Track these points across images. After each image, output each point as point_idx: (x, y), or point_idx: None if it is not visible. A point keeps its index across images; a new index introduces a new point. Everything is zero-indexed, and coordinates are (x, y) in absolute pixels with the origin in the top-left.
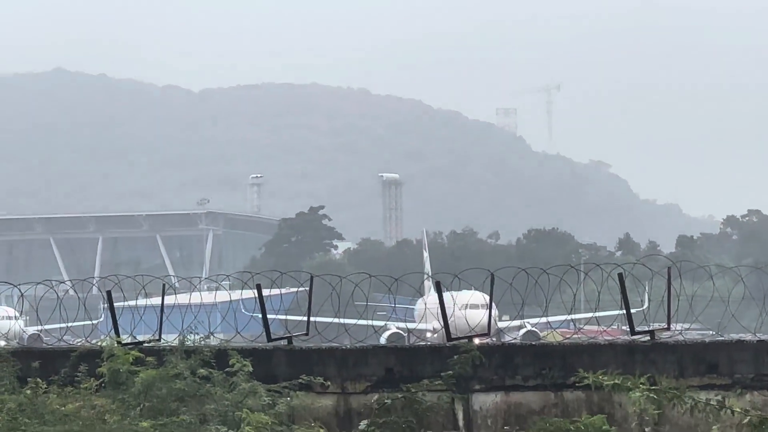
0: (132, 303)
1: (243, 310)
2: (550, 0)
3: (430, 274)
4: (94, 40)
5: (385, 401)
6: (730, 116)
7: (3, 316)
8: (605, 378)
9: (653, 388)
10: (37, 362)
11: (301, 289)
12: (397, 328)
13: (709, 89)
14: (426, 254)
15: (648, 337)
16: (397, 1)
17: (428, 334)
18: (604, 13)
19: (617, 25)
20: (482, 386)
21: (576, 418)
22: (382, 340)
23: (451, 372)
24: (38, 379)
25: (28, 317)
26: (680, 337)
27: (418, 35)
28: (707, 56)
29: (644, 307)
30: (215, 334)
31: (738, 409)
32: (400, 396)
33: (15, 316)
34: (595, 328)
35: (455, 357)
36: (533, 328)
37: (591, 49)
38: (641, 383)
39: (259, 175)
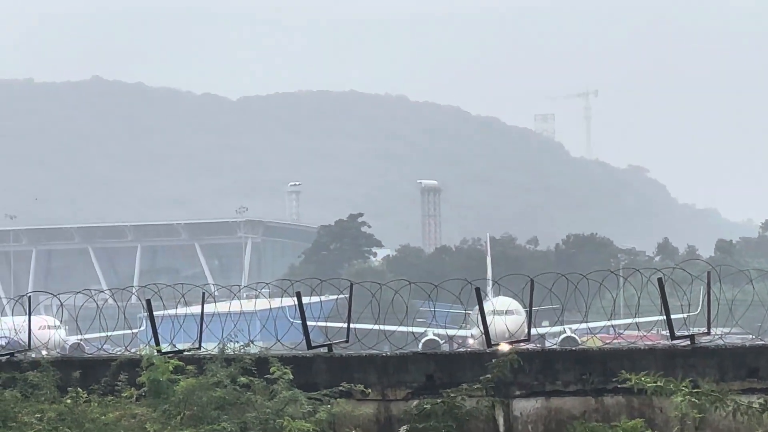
0: (171, 312)
1: (290, 319)
2: (587, 6)
3: (491, 279)
4: (131, 49)
5: (425, 407)
6: None
7: (43, 326)
8: (647, 380)
9: (695, 391)
10: (77, 371)
11: (340, 296)
12: (434, 334)
13: (748, 94)
14: (489, 259)
15: (688, 342)
16: (435, 8)
17: (470, 341)
18: (642, 19)
19: (655, 30)
20: (522, 392)
21: (616, 423)
22: (420, 347)
23: (489, 376)
24: (78, 389)
25: (67, 327)
26: (720, 342)
27: (456, 42)
28: (747, 62)
29: (697, 311)
30: (255, 342)
31: None
32: (439, 401)
33: (55, 326)
34: (635, 333)
35: (493, 361)
36: (572, 334)
37: (628, 55)
38: (683, 386)
39: (297, 183)
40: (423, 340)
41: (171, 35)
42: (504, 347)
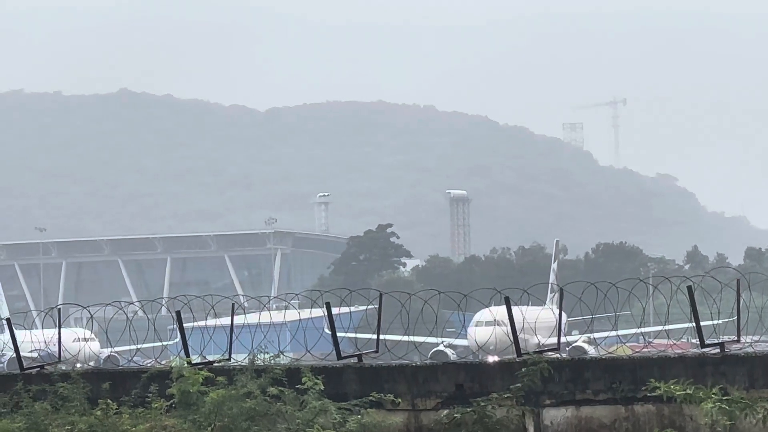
0: (201, 323)
1: (326, 329)
2: (616, 14)
3: (553, 285)
4: (159, 61)
5: (455, 416)
6: None
7: (77, 338)
8: (677, 388)
9: (725, 398)
10: (107, 383)
11: (370, 306)
12: (446, 345)
13: None
14: (553, 265)
15: (718, 350)
16: (463, 17)
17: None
18: (670, 27)
19: (683, 38)
20: (552, 401)
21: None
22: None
23: (519, 385)
24: (109, 400)
25: (98, 339)
26: (750, 349)
27: (484, 51)
28: None
29: (727, 319)
30: (285, 353)
31: None
32: (469, 410)
33: (86, 338)
34: (664, 341)
35: (523, 370)
36: (582, 343)
37: (656, 63)
38: (713, 394)
39: (326, 194)
40: (431, 352)
41: (199, 47)
42: (491, 359)
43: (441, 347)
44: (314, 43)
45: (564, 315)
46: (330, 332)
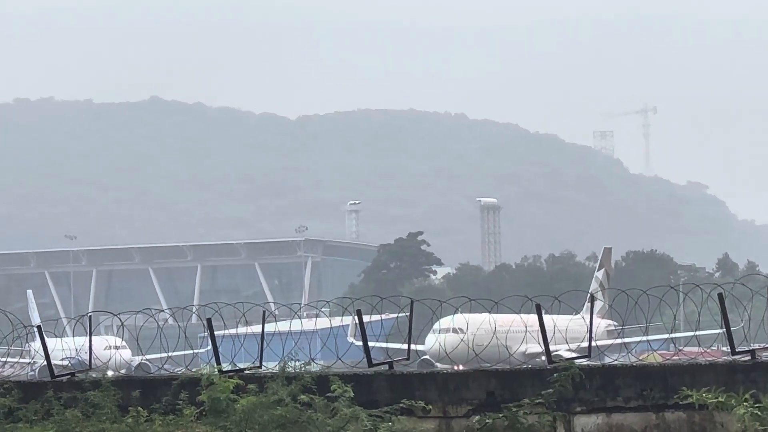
0: (232, 331)
1: (355, 342)
2: (646, 22)
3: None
4: (189, 69)
5: (486, 422)
6: None
7: (108, 346)
8: (709, 395)
9: (757, 405)
10: (138, 391)
11: (401, 314)
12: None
13: None
14: (597, 273)
15: (749, 357)
16: (493, 25)
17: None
18: (699, 35)
19: (713, 45)
20: (583, 408)
21: None
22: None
23: (551, 390)
24: (139, 408)
25: (128, 347)
26: None
27: (514, 59)
28: None
29: (758, 327)
30: (316, 361)
31: None
32: (501, 416)
33: (117, 346)
34: (695, 349)
35: (554, 375)
36: (564, 352)
37: (687, 71)
38: (745, 400)
39: (356, 202)
40: (418, 361)
41: (229, 55)
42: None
43: (427, 356)
44: (345, 51)
45: (605, 322)
46: (356, 341)
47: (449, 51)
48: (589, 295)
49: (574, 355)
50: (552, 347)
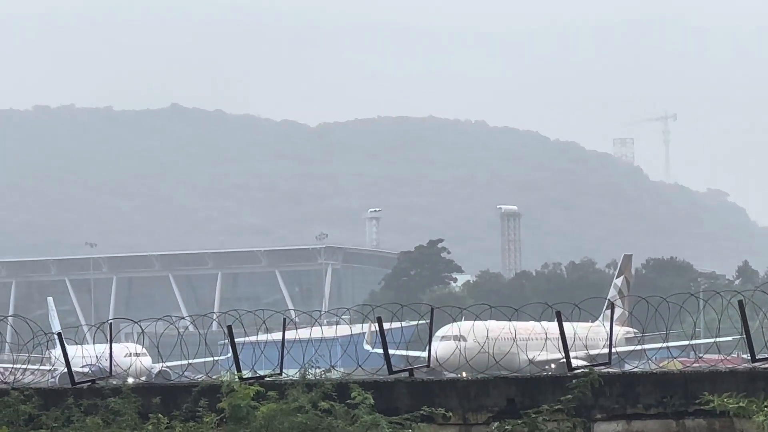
0: (253, 338)
1: (372, 349)
2: (666, 29)
3: (610, 300)
4: (209, 77)
5: (506, 428)
6: None
7: (126, 353)
8: (730, 401)
9: None
10: (158, 398)
11: (421, 321)
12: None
13: None
14: (615, 280)
15: None
16: (512, 31)
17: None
18: (719, 42)
19: (733, 52)
20: (604, 415)
21: None
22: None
23: (570, 396)
24: (160, 415)
25: (149, 354)
26: None
27: (534, 66)
28: None
29: None
30: (336, 368)
31: None
32: (520, 422)
33: (137, 353)
34: (715, 356)
35: (574, 381)
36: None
37: (707, 78)
38: (766, 406)
39: (377, 209)
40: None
41: (249, 62)
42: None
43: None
44: (365, 58)
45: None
46: (371, 349)
47: (469, 58)
48: (607, 302)
49: (582, 362)
50: (559, 355)
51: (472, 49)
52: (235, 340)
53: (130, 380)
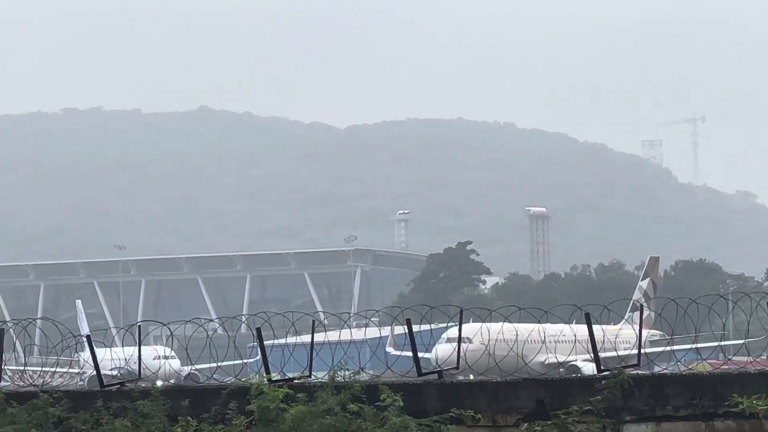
0: (281, 341)
1: (392, 352)
2: (694, 31)
3: (635, 302)
4: (238, 79)
5: (535, 429)
6: None
7: (155, 356)
8: (759, 403)
9: None
10: (187, 400)
11: (450, 324)
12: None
13: None
14: (641, 282)
15: None
16: (540, 36)
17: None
18: (748, 44)
19: (762, 54)
20: (633, 417)
21: None
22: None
23: (600, 397)
24: (189, 417)
25: (178, 356)
26: None
27: (562, 69)
28: None
29: None
30: (365, 370)
31: None
32: (549, 423)
33: (166, 356)
34: (744, 358)
35: (603, 382)
36: (576, 363)
37: (735, 80)
38: None
39: (406, 211)
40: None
41: (277, 64)
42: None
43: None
44: (394, 60)
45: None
46: (393, 351)
47: (497, 61)
48: (632, 303)
49: (590, 365)
50: (573, 357)
51: (500, 51)
52: (264, 342)
53: (159, 383)
